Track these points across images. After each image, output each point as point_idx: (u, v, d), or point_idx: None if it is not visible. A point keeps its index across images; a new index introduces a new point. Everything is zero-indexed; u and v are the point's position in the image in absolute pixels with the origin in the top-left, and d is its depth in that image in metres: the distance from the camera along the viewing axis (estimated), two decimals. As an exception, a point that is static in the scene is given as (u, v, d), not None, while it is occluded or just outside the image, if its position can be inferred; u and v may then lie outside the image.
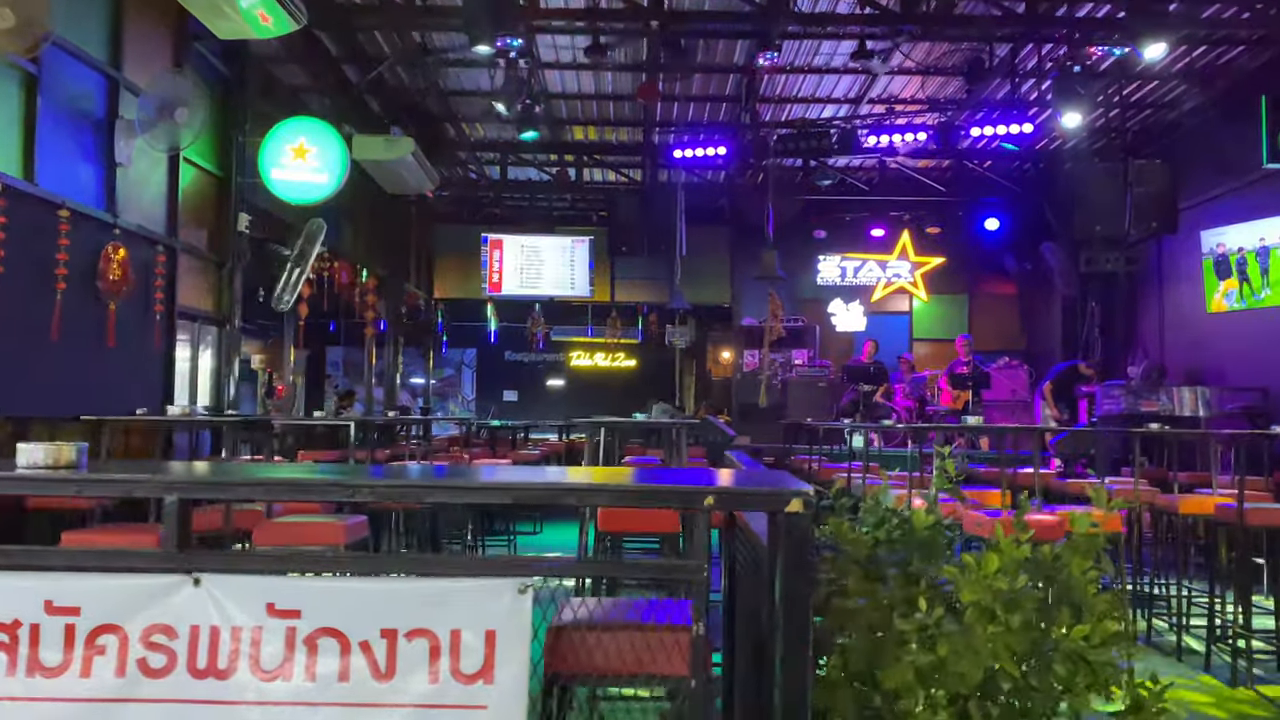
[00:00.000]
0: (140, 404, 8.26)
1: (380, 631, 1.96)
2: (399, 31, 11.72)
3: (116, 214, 8.12)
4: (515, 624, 1.93)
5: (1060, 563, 2.17)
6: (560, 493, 1.86)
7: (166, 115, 8.05)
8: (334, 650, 1.98)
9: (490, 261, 17.01)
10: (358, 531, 4.40)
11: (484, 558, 1.72)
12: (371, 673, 1.96)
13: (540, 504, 1.99)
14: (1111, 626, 2.12)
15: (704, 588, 1.92)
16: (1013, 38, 11.82)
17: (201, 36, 9.09)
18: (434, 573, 1.93)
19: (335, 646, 1.98)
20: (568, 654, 2.30)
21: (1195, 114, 13.27)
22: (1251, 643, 6.13)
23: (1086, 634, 2.10)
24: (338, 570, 1.97)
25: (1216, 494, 6.88)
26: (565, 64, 12.78)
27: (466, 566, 1.92)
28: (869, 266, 17.91)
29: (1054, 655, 2.15)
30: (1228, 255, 12.65)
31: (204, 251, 9.90)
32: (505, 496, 1.89)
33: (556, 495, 1.91)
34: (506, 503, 1.85)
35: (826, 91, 13.92)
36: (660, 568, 1.88)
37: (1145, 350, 14.59)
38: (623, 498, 1.92)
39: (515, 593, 1.94)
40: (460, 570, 1.93)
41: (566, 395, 23.31)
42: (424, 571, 1.93)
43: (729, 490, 1.95)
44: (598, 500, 1.96)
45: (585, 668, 2.27)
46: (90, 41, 7.92)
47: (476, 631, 1.93)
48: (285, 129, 10.05)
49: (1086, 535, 2.19)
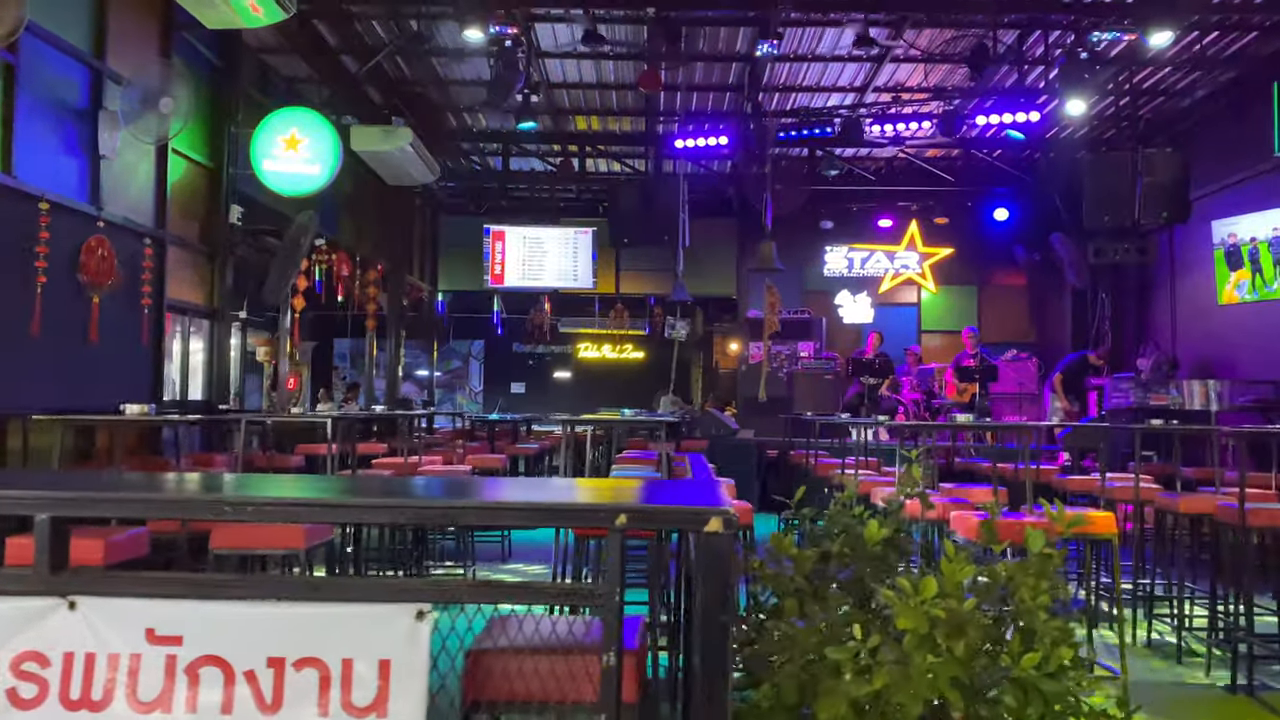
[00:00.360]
0: (126, 399, 8.14)
1: (267, 660, 1.82)
2: (396, 19, 11.57)
3: (101, 206, 8.01)
4: (411, 653, 1.79)
5: (1013, 584, 2.01)
6: (456, 512, 1.71)
7: (151, 106, 7.93)
8: (217, 680, 1.83)
9: (492, 253, 16.87)
10: (320, 535, 4.26)
11: (380, 580, 1.60)
12: (256, 704, 1.82)
13: (437, 524, 1.87)
14: (1066, 654, 1.96)
15: (616, 613, 1.76)
16: (1019, 24, 11.60)
17: (190, 26, 8.95)
18: (325, 597, 1.78)
19: (218, 676, 1.83)
20: (490, 681, 2.15)
21: (1207, 102, 13.02)
22: (1254, 647, 5.95)
23: (1038, 662, 1.93)
24: (224, 593, 1.82)
25: (1220, 492, 6.68)
26: (565, 53, 12.62)
27: (360, 590, 1.77)
28: (876, 257, 17.69)
29: (1004, 685, 1.99)
30: (1239, 245, 12.39)
31: (195, 244, 9.79)
32: (393, 516, 1.74)
33: (454, 515, 1.76)
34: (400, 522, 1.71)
35: (831, 80, 13.71)
36: (569, 593, 1.73)
37: (1156, 343, 14.35)
38: (525, 517, 1.77)
39: (412, 619, 1.80)
40: (353, 595, 1.78)
41: (575, 387, 23.18)
42: (315, 595, 1.79)
43: (643, 509, 1.79)
44: (497, 521, 1.80)
45: (510, 695, 2.13)
46: (72, 31, 7.80)
47: (369, 661, 1.79)
48: (276, 119, 9.93)
49: (1040, 555, 2.02)
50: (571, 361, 23.84)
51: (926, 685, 1.87)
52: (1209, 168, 12.98)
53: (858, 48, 11.57)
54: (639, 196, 14.62)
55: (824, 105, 14.27)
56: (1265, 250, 11.95)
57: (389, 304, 15.82)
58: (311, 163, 9.91)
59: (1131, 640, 6.78)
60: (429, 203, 17.85)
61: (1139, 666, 6.20)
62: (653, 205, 14.45)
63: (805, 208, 16.53)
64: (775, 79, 13.66)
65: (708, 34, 12.19)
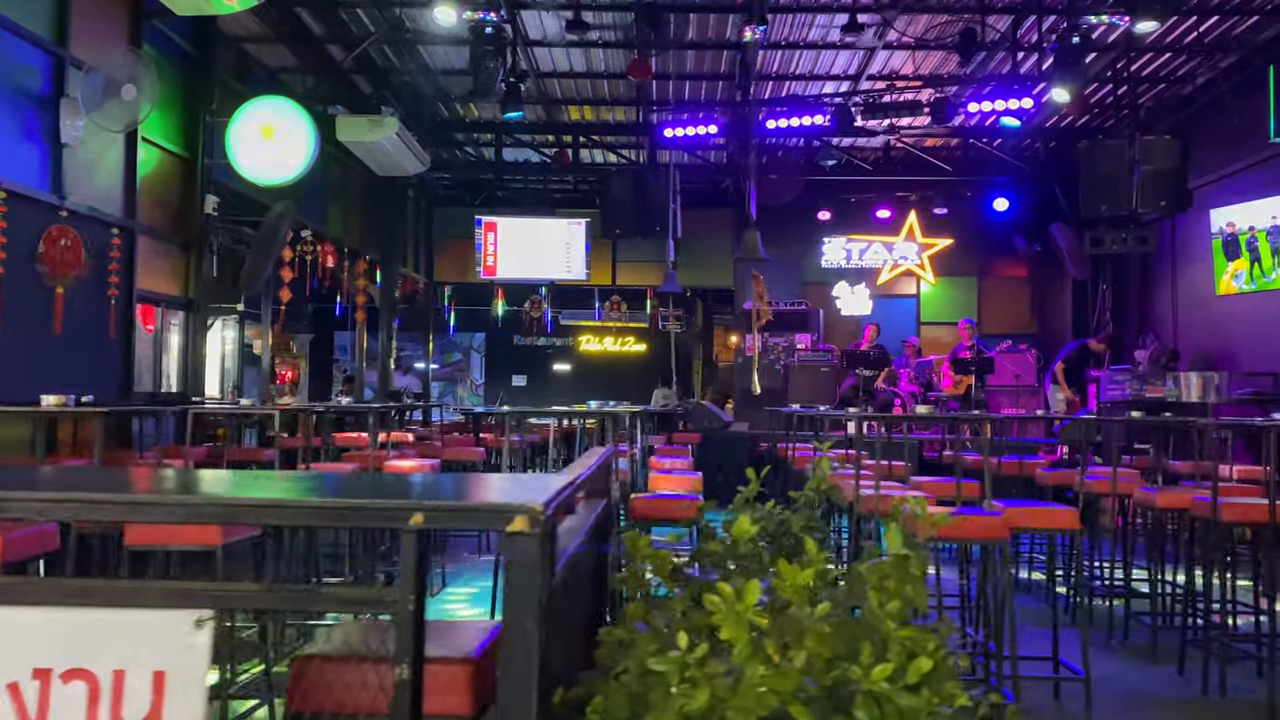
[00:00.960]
0: (94, 391, 8.03)
1: (33, 671, 1.67)
2: (379, 7, 11.42)
3: (64, 195, 7.89)
4: (189, 664, 1.64)
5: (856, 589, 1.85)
6: (231, 510, 1.56)
7: (113, 93, 7.79)
8: (-27, 695, 1.69)
9: (485, 245, 16.70)
10: (238, 532, 4.11)
11: (157, 584, 1.48)
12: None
13: (214, 521, 1.72)
14: (925, 665, 1.79)
15: (409, 621, 1.61)
16: (1012, 8, 11.37)
17: (161, 14, 8.79)
18: (97, 602, 1.63)
19: (-25, 690, 1.69)
20: (316, 691, 2.00)
21: (1208, 88, 12.74)
22: (1230, 645, 5.76)
23: (890, 674, 1.77)
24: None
25: (1200, 487, 6.48)
26: (554, 41, 12.45)
27: (135, 596, 1.62)
28: (875, 248, 17.45)
29: (855, 699, 1.82)
30: (1237, 235, 12.13)
31: (169, 235, 9.67)
32: (165, 515, 1.58)
33: (231, 514, 1.61)
34: (172, 521, 1.57)
35: (825, 68, 13.51)
36: (358, 599, 1.58)
37: (1156, 334, 14.10)
38: (310, 515, 1.62)
39: (190, 627, 1.65)
40: (128, 600, 1.63)
41: (576, 380, 23.02)
42: (86, 600, 1.64)
43: (440, 506, 1.64)
44: (271, 519, 1.65)
45: (336, 707, 1.98)
46: (32, 18, 7.68)
47: (142, 673, 1.64)
48: (251, 108, 9.79)
49: (897, 558, 1.86)
50: (573, 354, 23.71)
51: (755, 700, 1.71)
52: (1210, 156, 12.73)
53: (846, 33, 11.37)
54: (631, 187, 14.45)
55: (818, 93, 14.08)
56: (1264, 239, 11.70)
57: (381, 295, 15.70)
58: (288, 152, 9.76)
59: (1109, 638, 6.60)
60: (423, 194, 17.72)
61: (1112, 665, 6.02)
62: (644, 196, 14.28)
63: (803, 198, 16.34)
64: (768, 67, 13.46)
65: (697, 21, 12.01)
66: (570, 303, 20.37)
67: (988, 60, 12.78)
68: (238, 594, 1.64)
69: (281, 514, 1.56)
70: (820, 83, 13.91)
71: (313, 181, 12.96)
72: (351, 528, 4.44)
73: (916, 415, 5.58)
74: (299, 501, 1.57)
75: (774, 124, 12.84)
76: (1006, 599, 4.60)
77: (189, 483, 1.87)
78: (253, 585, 1.66)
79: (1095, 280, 15.48)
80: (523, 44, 12.24)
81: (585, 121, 15.66)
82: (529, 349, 23.26)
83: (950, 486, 5.84)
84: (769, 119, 12.91)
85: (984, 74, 12.97)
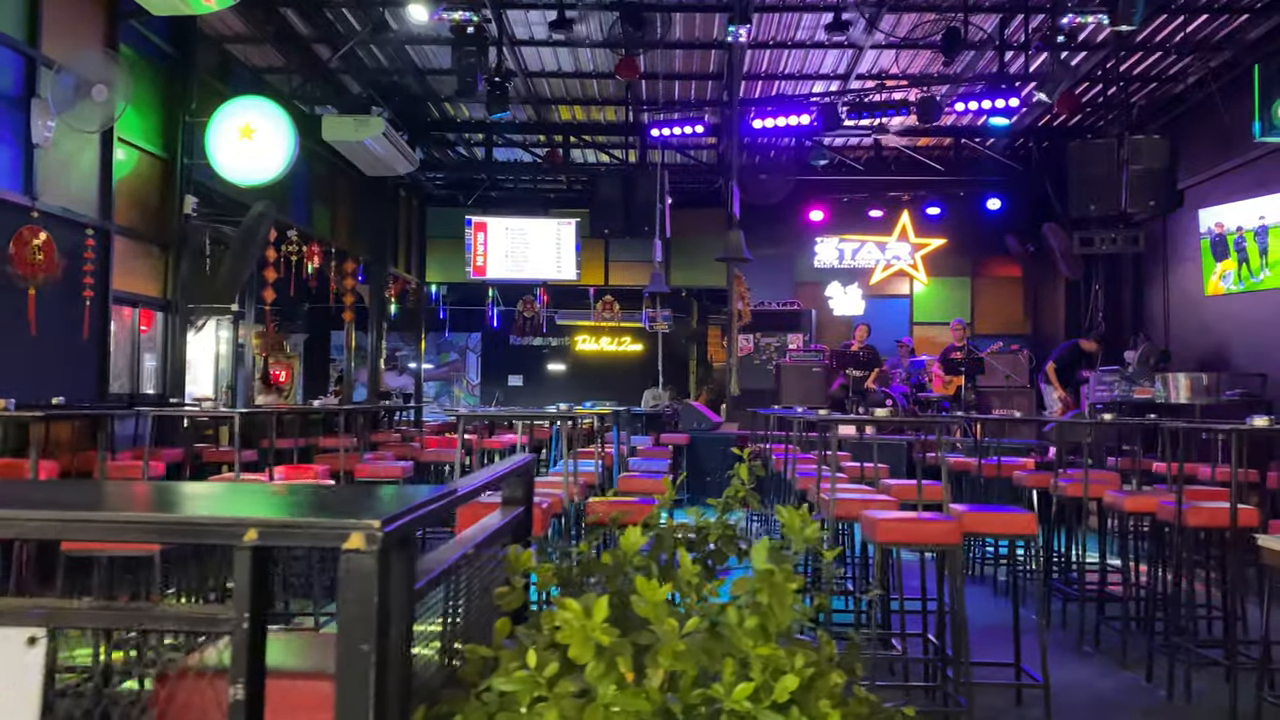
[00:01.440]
0: (69, 393, 8.03)
1: None
2: (363, 6, 11.38)
3: (35, 196, 7.86)
4: (21, 684, 1.59)
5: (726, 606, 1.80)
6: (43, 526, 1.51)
7: (84, 94, 7.76)
8: None
9: (474, 245, 16.65)
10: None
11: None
12: None
13: (51, 538, 1.68)
14: (791, 682, 1.74)
15: (245, 641, 1.56)
16: (999, 7, 11.31)
17: (138, 14, 8.75)
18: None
19: None
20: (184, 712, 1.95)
21: (1198, 88, 12.65)
22: (1195, 651, 5.69)
23: (751, 693, 1.72)
24: None
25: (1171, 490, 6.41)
26: (541, 40, 12.40)
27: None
28: (867, 248, 17.39)
29: (720, 718, 1.77)
30: (1225, 235, 12.04)
31: (147, 235, 9.64)
32: None
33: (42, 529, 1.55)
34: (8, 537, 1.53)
35: (814, 68, 13.46)
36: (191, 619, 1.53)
37: (1146, 334, 14.01)
38: (141, 532, 1.57)
39: (22, 645, 1.60)
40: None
41: (571, 380, 22.98)
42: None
43: (274, 523, 1.59)
44: (113, 538, 1.60)
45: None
46: (2, 19, 7.65)
47: (-30, 694, 1.60)
48: (231, 108, 9.77)
49: (762, 572, 1.81)
50: (569, 354, 23.66)
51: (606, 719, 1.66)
52: (1199, 155, 12.65)
53: (830, 32, 11.32)
54: (620, 187, 14.40)
55: (807, 93, 14.02)
56: (1251, 239, 11.61)
57: (370, 295, 15.67)
58: (267, 152, 9.73)
59: (1080, 643, 6.54)
60: (416, 194, 17.69)
61: (1082, 671, 5.96)
62: (633, 196, 14.24)
63: (795, 198, 16.28)
64: (756, 66, 13.41)
65: (684, 21, 11.96)
66: (565, 303, 20.33)
67: (976, 60, 12.72)
68: (70, 611, 1.59)
69: (108, 530, 1.51)
70: (810, 82, 13.86)
71: (299, 181, 12.94)
72: (182, 544, 4.38)
73: (875, 419, 5.52)
74: (129, 519, 1.52)
75: (760, 123, 12.80)
76: (958, 604, 4.54)
77: (10, 496, 1.82)
78: (85, 603, 1.61)
79: (1088, 280, 15.40)
80: (509, 43, 12.20)
81: (576, 121, 15.61)
82: (525, 349, 23.22)
83: (908, 490, 5.78)
84: (755, 118, 12.86)
85: (972, 74, 12.92)
